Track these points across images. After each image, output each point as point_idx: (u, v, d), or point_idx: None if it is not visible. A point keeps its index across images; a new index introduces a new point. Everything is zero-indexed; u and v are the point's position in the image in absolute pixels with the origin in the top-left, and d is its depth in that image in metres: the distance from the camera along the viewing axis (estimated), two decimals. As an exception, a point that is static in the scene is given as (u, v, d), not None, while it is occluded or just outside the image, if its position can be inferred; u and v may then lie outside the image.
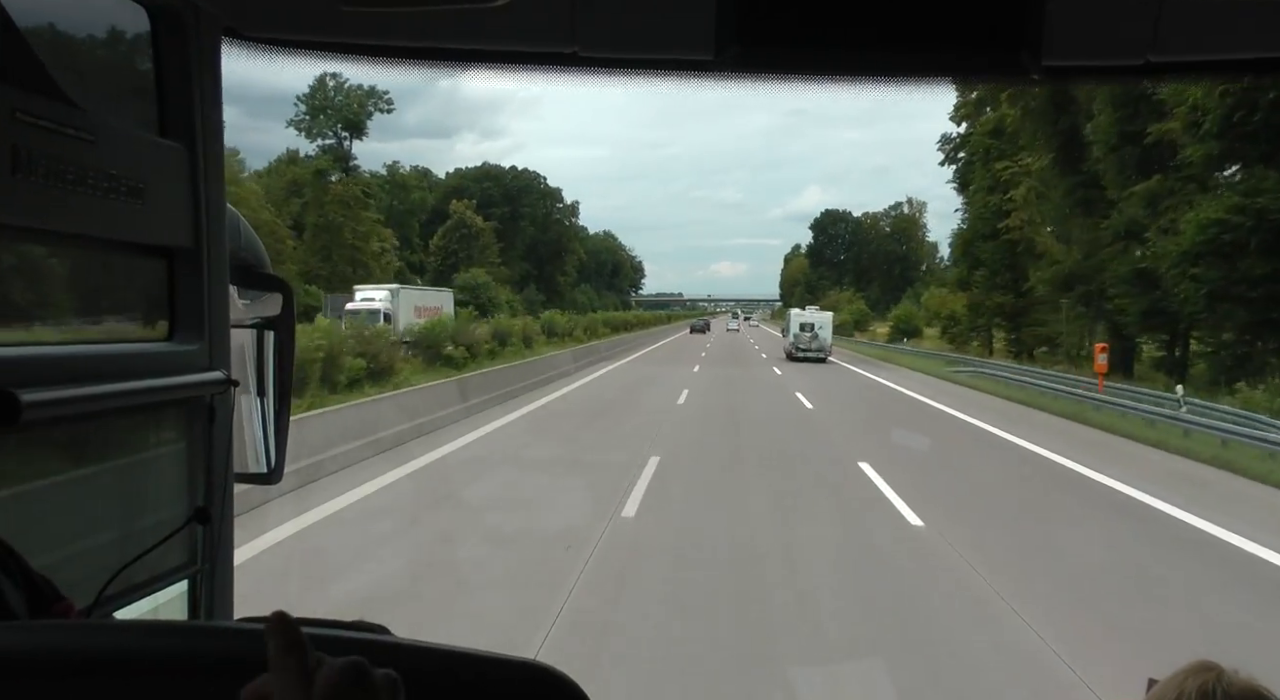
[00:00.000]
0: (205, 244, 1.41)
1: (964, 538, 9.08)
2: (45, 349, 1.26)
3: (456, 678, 0.70)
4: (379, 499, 10.57)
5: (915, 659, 5.95)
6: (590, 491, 11.13)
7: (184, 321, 1.41)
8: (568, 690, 0.70)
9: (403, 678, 0.60)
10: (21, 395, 1.01)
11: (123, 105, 1.43)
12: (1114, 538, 9.67)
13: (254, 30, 1.38)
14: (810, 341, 41.45)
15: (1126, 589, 7.79)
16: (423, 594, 7.17)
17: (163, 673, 0.70)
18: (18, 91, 1.06)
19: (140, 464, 1.47)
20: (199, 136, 1.39)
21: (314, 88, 68.57)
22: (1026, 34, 1.00)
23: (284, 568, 7.80)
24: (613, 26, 1.25)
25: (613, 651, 6.03)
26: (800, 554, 8.60)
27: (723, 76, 1.23)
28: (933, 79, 1.18)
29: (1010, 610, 6.85)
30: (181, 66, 1.36)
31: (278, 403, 1.68)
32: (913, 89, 1.19)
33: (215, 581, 1.49)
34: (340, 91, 69.86)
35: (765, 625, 6.60)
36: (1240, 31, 1.21)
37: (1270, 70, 1.33)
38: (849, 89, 1.17)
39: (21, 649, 0.71)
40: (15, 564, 0.95)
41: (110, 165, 1.20)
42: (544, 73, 1.31)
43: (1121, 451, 16.10)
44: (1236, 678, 1.02)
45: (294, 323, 1.70)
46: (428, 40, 1.31)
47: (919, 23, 1.01)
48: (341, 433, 12.85)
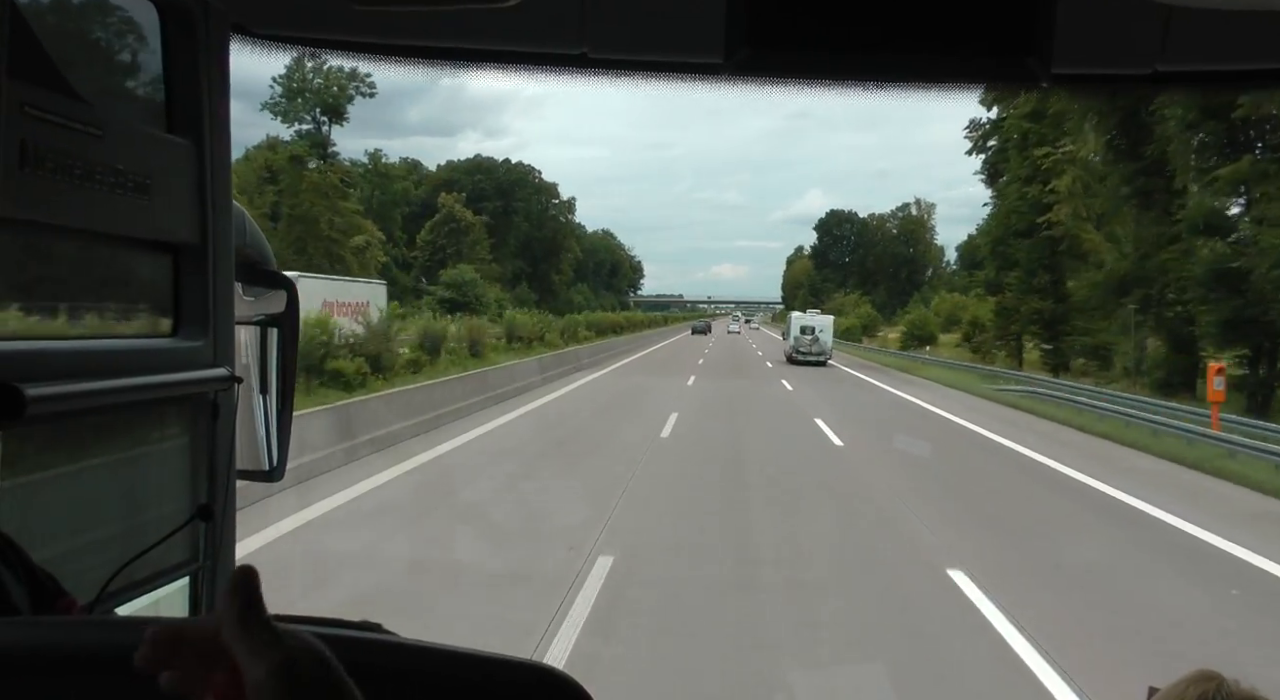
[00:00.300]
0: (211, 240, 1.43)
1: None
2: (50, 343, 1.29)
3: (460, 679, 0.70)
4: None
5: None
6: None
7: (189, 318, 1.43)
8: (572, 692, 0.70)
9: (405, 678, 0.63)
10: (26, 389, 1.03)
11: (131, 101, 1.45)
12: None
13: (262, 27, 1.39)
14: (811, 345, 41.60)
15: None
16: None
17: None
18: (27, 86, 1.06)
19: (143, 460, 1.47)
20: (206, 132, 1.41)
21: (291, 68, 62.70)
22: (1036, 41, 1.00)
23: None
24: (622, 28, 1.27)
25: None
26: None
27: (731, 79, 1.22)
28: (941, 84, 1.18)
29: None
30: (190, 63, 1.38)
31: (280, 400, 1.69)
32: (922, 94, 1.20)
33: (217, 578, 1.48)
34: (319, 73, 64.23)
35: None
36: (1246, 43, 1.22)
37: (1274, 81, 1.34)
38: (858, 93, 1.17)
39: (24, 644, 0.71)
40: (18, 559, 0.95)
41: (118, 160, 1.21)
42: (553, 74, 1.32)
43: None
44: (1237, 687, 1.01)
45: (298, 320, 1.72)
46: (437, 39, 1.32)
47: (929, 28, 1.00)
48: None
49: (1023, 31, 1.00)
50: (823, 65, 1.09)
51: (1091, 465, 14.77)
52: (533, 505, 10.65)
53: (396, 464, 12.73)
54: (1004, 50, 1.01)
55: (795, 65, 1.11)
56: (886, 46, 1.01)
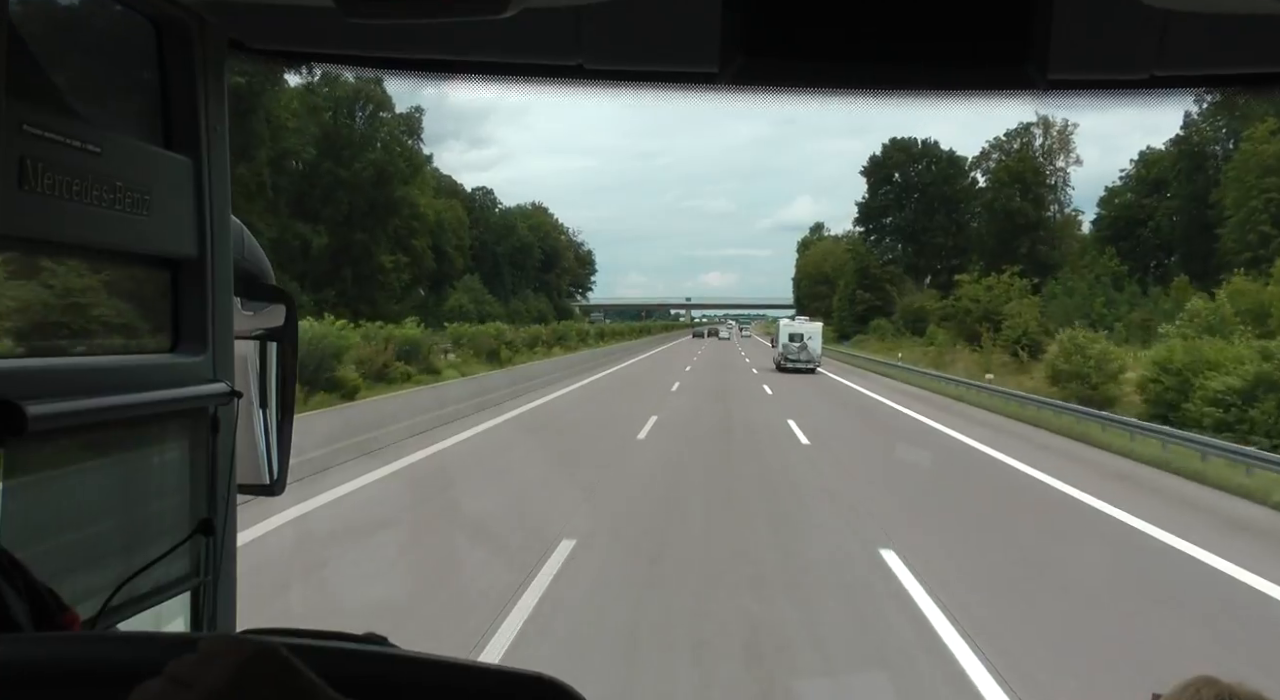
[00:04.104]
0: (210, 255, 1.43)
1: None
2: (50, 360, 1.32)
3: (462, 691, 0.69)
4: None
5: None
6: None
7: (188, 333, 1.43)
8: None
9: (407, 690, 0.63)
10: (27, 407, 1.03)
11: (128, 117, 1.43)
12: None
13: (258, 42, 1.39)
14: (799, 352, 41.24)
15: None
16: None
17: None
18: (25, 104, 1.07)
19: (144, 475, 1.46)
20: (204, 148, 1.41)
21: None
22: (1032, 48, 1.00)
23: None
24: (618, 39, 1.26)
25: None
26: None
27: (727, 89, 1.22)
28: (939, 92, 1.18)
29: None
30: (187, 79, 1.38)
31: (280, 414, 1.69)
32: (918, 102, 1.21)
33: (218, 593, 1.48)
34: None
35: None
36: (1244, 47, 1.21)
37: (1271, 85, 1.32)
38: (854, 102, 1.17)
39: (26, 660, 0.71)
40: (19, 575, 0.95)
41: (116, 177, 1.22)
42: (549, 85, 1.32)
43: None
44: (1242, 689, 1.02)
45: (297, 334, 1.72)
46: (432, 52, 1.32)
47: (925, 37, 1.00)
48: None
49: (1019, 39, 0.99)
50: (819, 74, 1.08)
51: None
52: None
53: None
54: (1001, 58, 1.00)
55: (791, 74, 1.10)
56: (883, 55, 1.00)
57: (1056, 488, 13.33)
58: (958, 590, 7.59)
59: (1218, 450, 15.55)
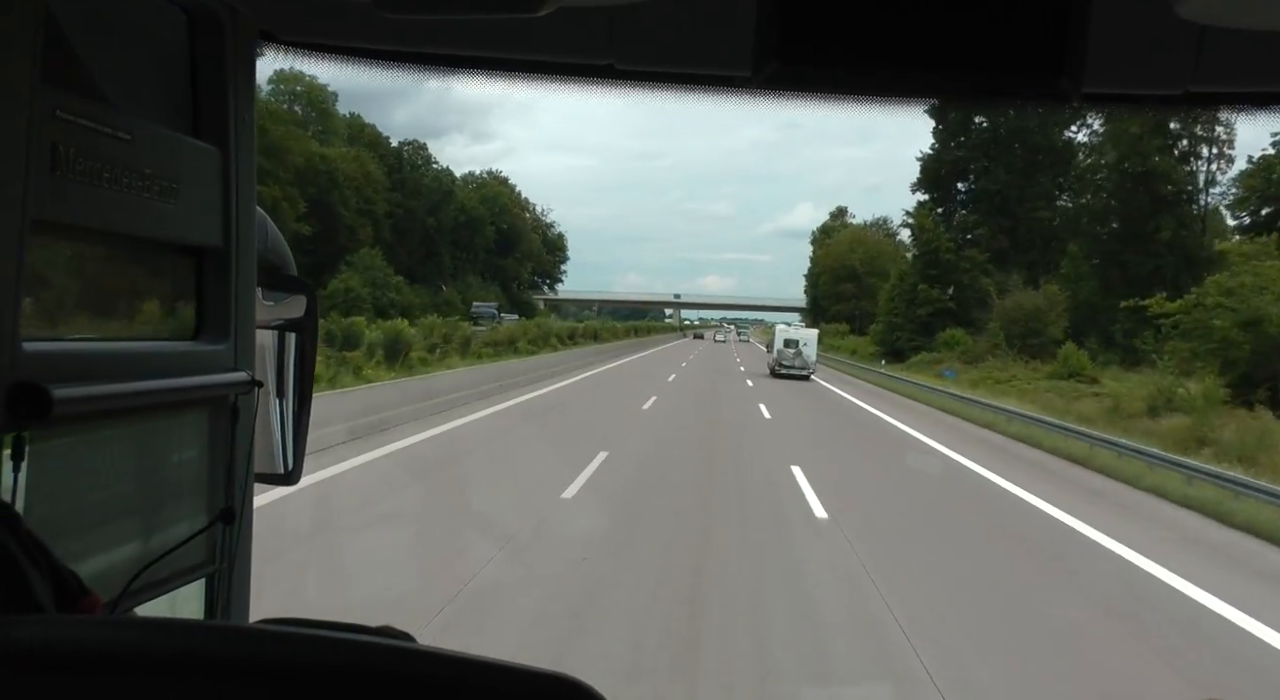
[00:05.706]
0: (234, 245, 1.43)
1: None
2: (76, 345, 1.31)
3: (480, 688, 0.69)
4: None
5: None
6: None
7: (211, 321, 1.43)
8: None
9: (423, 686, 0.63)
10: (53, 390, 1.04)
11: (158, 105, 1.40)
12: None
13: (290, 34, 1.40)
14: (794, 358, 41.09)
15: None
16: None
17: (181, 672, 0.69)
18: (58, 91, 1.08)
19: (164, 461, 1.47)
20: (232, 138, 1.41)
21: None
22: (1067, 60, 1.00)
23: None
24: (650, 40, 1.25)
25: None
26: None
27: (758, 94, 1.22)
28: (970, 102, 0.95)
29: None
30: (217, 68, 1.38)
31: (298, 404, 1.70)
32: (950, 109, 0.91)
33: (234, 581, 1.49)
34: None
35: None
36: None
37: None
38: (884, 108, 1.15)
39: (47, 641, 0.72)
40: (44, 557, 0.97)
41: (145, 164, 1.22)
42: (579, 84, 1.31)
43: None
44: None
45: (317, 325, 1.73)
46: (463, 48, 1.31)
47: (960, 45, 1.00)
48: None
49: (1054, 51, 1.00)
50: (852, 82, 1.09)
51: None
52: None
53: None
54: (1035, 69, 1.01)
55: (823, 81, 1.10)
56: (917, 64, 1.01)
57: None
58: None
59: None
